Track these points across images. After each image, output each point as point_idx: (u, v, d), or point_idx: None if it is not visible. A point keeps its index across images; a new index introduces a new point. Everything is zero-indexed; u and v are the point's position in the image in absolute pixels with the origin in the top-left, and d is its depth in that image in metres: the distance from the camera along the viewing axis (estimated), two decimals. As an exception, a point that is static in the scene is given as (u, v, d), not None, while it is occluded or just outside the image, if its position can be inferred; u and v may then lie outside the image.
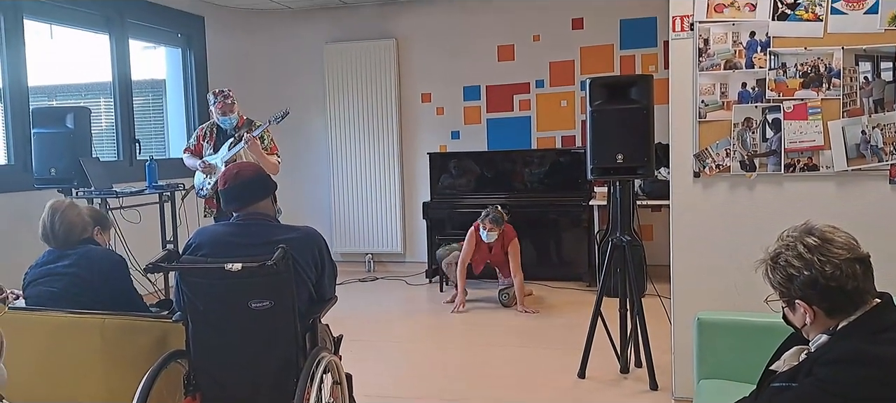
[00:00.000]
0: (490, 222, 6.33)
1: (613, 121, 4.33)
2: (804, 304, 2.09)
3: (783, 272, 2.11)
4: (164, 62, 8.08)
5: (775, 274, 2.14)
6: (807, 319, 2.11)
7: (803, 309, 2.10)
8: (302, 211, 8.26)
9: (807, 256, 2.06)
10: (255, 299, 2.95)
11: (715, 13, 3.75)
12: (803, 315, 2.11)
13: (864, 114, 3.63)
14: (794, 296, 2.11)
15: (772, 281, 2.17)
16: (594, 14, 7.84)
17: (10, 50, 5.79)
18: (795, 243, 2.10)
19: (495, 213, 6.37)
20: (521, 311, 6.32)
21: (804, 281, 2.07)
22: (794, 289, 2.10)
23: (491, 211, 6.39)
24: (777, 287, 2.16)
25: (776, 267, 2.14)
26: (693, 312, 3.25)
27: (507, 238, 6.45)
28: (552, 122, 8.07)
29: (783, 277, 2.12)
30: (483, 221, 6.39)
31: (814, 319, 2.10)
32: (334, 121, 8.55)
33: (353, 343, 5.42)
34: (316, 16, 8.58)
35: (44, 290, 3.45)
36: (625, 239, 4.52)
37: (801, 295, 2.09)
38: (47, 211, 3.59)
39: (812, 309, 2.08)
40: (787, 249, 2.12)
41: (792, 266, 2.09)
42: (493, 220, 6.33)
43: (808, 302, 2.08)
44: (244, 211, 3.22)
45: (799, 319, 2.15)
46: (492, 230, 6.31)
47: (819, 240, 2.08)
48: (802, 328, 2.16)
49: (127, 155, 7.03)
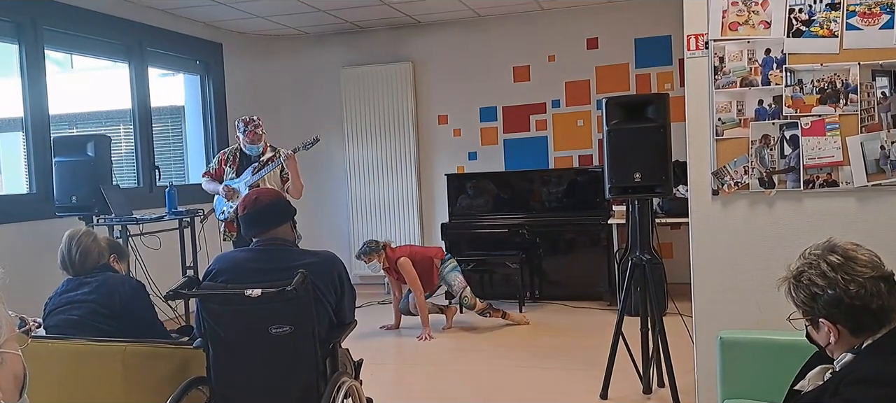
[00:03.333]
0: (362, 255, 6.53)
1: (630, 141, 4.32)
2: (828, 323, 2.07)
3: (807, 291, 2.09)
4: (183, 88, 8.16)
5: (799, 293, 2.11)
6: (831, 338, 2.08)
7: (827, 328, 2.07)
8: (321, 235, 8.28)
9: (830, 275, 2.04)
10: (276, 324, 2.96)
11: (729, 31, 3.74)
12: (827, 333, 2.08)
13: (882, 129, 3.60)
14: (817, 315, 2.09)
15: (795, 299, 2.14)
16: (609, 33, 7.85)
17: (32, 80, 5.87)
18: (818, 261, 2.08)
19: (363, 246, 6.59)
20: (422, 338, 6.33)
21: (828, 300, 2.04)
22: (819, 308, 2.07)
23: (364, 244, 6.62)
24: (800, 305, 2.13)
25: (799, 285, 2.11)
26: (715, 331, 3.23)
27: (391, 260, 6.53)
28: (569, 142, 8.06)
29: (807, 296, 2.09)
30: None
31: (838, 338, 2.07)
32: (352, 144, 8.59)
33: (373, 367, 5.41)
34: (332, 40, 8.64)
35: (64, 318, 3.47)
36: (645, 258, 4.50)
37: (826, 314, 2.06)
38: (65, 239, 3.63)
39: (836, 327, 2.06)
40: (809, 268, 2.09)
41: (816, 284, 2.06)
42: (360, 254, 6.55)
43: (833, 321, 2.06)
44: (264, 236, 3.24)
45: (823, 338, 2.12)
46: (369, 261, 6.50)
47: (842, 259, 2.05)
48: (826, 346, 2.13)
49: (147, 181, 7.09)
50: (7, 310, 1.45)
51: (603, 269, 7.39)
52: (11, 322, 1.46)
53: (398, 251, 6.63)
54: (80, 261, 3.58)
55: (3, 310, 1.43)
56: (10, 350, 1.42)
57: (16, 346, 1.44)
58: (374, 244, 6.55)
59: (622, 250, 6.91)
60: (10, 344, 1.42)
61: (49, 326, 3.51)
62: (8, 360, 1.42)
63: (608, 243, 7.31)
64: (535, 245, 7.52)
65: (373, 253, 6.47)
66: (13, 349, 1.43)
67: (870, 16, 3.53)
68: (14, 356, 1.43)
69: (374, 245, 6.54)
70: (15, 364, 1.43)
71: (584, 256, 7.53)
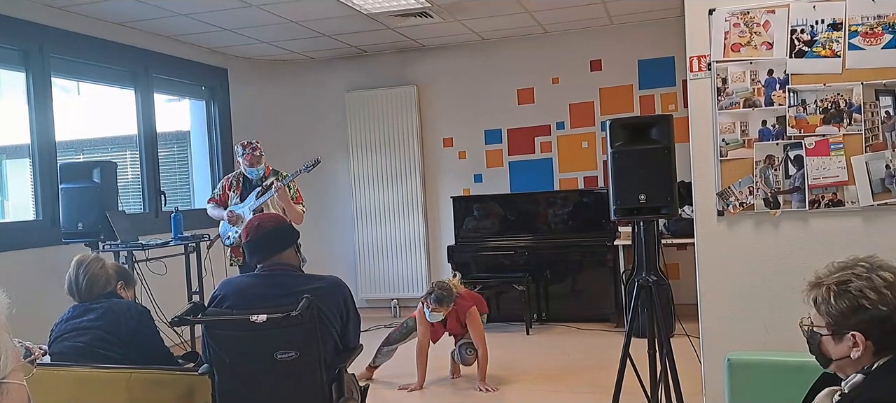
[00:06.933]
0: (433, 302, 5.28)
1: (635, 162, 4.31)
2: (860, 337, 1.97)
3: (852, 301, 1.98)
4: (189, 114, 8.20)
5: (840, 302, 2.00)
6: (853, 353, 1.99)
7: (853, 342, 1.98)
8: (326, 259, 8.29)
9: (884, 291, 1.96)
10: (281, 350, 2.96)
11: (732, 52, 3.75)
12: (850, 348, 1.99)
13: (887, 148, 3.60)
14: (849, 328, 1.98)
15: (830, 307, 2.02)
16: (612, 55, 7.88)
17: (39, 108, 5.90)
18: (870, 275, 1.99)
19: (439, 291, 5.30)
20: (481, 390, 5.34)
21: (876, 315, 1.95)
22: (856, 321, 1.98)
23: (435, 289, 5.34)
24: (833, 314, 2.02)
25: (845, 294, 2.00)
26: (723, 352, 3.21)
27: (462, 309, 5.42)
28: (574, 163, 8.07)
29: (850, 306, 1.99)
30: (426, 300, 5.36)
31: (861, 354, 1.98)
32: (357, 168, 8.61)
33: (379, 391, 5.39)
34: (337, 64, 8.68)
35: (70, 345, 3.46)
36: (651, 279, 4.48)
37: (863, 329, 1.97)
38: (73, 264, 3.63)
39: (867, 343, 1.97)
40: (858, 279, 1.99)
41: (866, 298, 1.97)
42: (436, 300, 5.28)
43: (866, 336, 1.97)
44: (268, 262, 3.24)
45: (841, 351, 2.02)
46: (436, 310, 5.30)
47: (894, 277, 1.99)
48: (838, 360, 2.05)
49: (152, 207, 7.11)
50: (13, 340, 1.46)
51: (609, 291, 7.37)
52: (17, 351, 1.46)
53: (464, 298, 5.48)
54: (86, 288, 3.59)
55: (9, 340, 1.44)
56: (15, 380, 1.42)
57: (21, 376, 1.45)
58: (448, 292, 5.32)
59: (628, 271, 6.89)
60: (15, 375, 1.43)
61: (55, 353, 3.51)
62: (13, 390, 1.42)
63: (614, 264, 7.30)
64: (542, 267, 7.51)
65: (446, 304, 5.31)
66: (18, 379, 1.43)
67: (872, 36, 3.54)
68: (19, 386, 1.43)
69: (448, 293, 5.31)
70: (20, 395, 1.43)
71: (591, 278, 7.52)
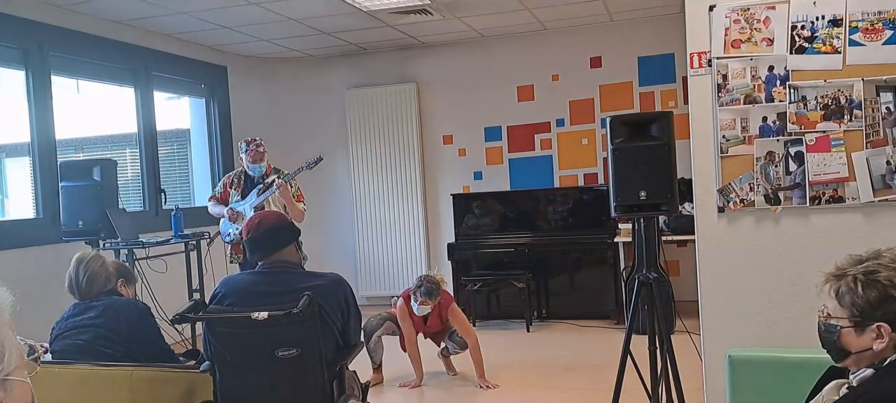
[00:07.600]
0: (422, 295, 5.28)
1: (635, 159, 4.31)
2: (886, 328, 1.95)
3: (882, 291, 1.96)
4: (188, 111, 8.20)
5: (868, 291, 1.97)
6: (877, 345, 1.97)
7: (877, 334, 1.97)
8: (327, 256, 8.29)
9: None
10: (282, 347, 2.96)
11: (732, 49, 3.75)
12: (874, 339, 1.97)
13: (888, 144, 3.59)
14: (876, 318, 1.96)
15: (856, 297, 2.00)
16: (612, 52, 7.88)
17: (39, 106, 5.91)
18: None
19: (429, 284, 5.31)
20: (482, 387, 5.34)
21: None
22: (884, 311, 1.96)
23: (424, 282, 5.34)
24: (859, 304, 1.99)
25: (873, 283, 1.98)
26: (724, 349, 3.22)
27: (444, 303, 5.44)
28: (574, 160, 8.07)
29: (879, 296, 1.96)
30: (415, 293, 5.35)
31: (885, 346, 1.96)
32: (357, 165, 8.61)
33: (380, 391, 5.39)
34: (336, 62, 8.68)
35: (70, 343, 3.47)
36: (651, 276, 4.48)
37: (890, 319, 1.95)
38: (73, 262, 3.63)
39: (892, 334, 1.95)
40: (886, 268, 1.98)
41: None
42: (426, 293, 5.28)
43: (893, 327, 1.95)
44: (268, 259, 3.24)
45: (862, 343, 2.00)
46: (424, 304, 5.30)
47: None
48: (858, 352, 2.02)
49: (153, 204, 7.11)
50: (16, 337, 1.45)
51: (610, 288, 7.37)
52: (21, 349, 1.46)
53: (444, 293, 5.48)
54: (86, 286, 3.59)
55: (12, 337, 1.43)
56: (19, 377, 1.42)
57: (24, 374, 1.44)
58: (436, 286, 5.34)
59: (629, 268, 6.89)
60: (19, 372, 1.42)
61: (55, 351, 3.51)
62: (16, 388, 1.41)
63: (615, 261, 7.30)
64: (542, 264, 7.51)
65: (434, 298, 5.33)
66: (21, 376, 1.43)
67: (872, 32, 3.54)
68: (22, 383, 1.43)
69: (436, 286, 5.34)
70: (23, 392, 1.43)
71: (591, 275, 7.52)
